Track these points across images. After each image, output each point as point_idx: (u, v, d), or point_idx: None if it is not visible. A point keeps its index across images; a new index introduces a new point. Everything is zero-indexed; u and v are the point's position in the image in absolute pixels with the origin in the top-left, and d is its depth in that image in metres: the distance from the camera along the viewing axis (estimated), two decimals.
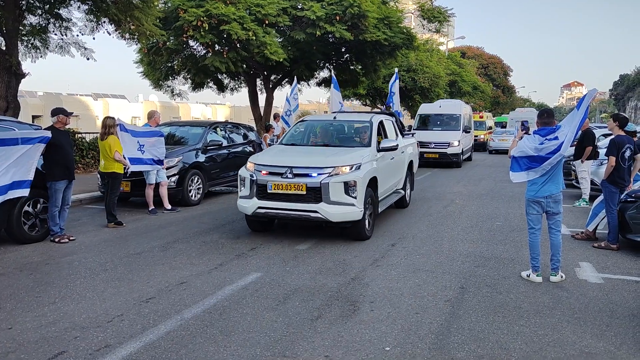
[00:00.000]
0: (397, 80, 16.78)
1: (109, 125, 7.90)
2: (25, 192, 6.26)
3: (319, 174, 6.58)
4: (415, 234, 7.53)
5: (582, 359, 3.59)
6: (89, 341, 3.81)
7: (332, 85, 14.91)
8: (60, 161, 6.85)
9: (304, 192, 6.54)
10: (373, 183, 7.20)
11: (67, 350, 3.66)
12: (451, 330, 4.06)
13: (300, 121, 9.01)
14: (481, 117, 33.04)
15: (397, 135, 9.30)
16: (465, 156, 20.36)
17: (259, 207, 6.79)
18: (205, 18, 13.83)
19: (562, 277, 5.37)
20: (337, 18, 15.26)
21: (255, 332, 4.00)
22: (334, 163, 6.72)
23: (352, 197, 6.57)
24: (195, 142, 10.39)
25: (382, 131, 8.49)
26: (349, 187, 6.56)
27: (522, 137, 5.46)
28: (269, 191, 6.71)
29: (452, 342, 3.86)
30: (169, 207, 9.15)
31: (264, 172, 6.84)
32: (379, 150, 7.63)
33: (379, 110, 13.29)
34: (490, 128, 34.14)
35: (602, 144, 11.47)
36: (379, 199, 7.75)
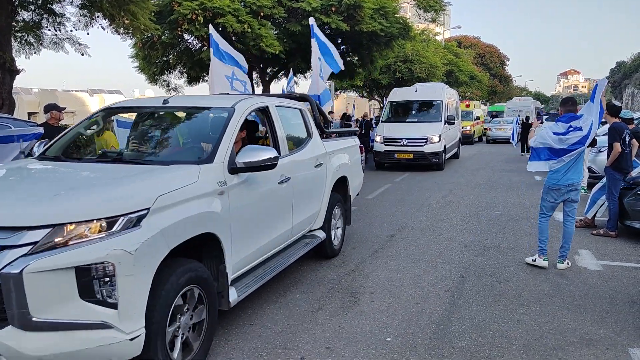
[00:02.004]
0: (328, 43, 9.91)
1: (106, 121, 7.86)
2: None
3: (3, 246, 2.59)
4: (414, 225, 7.53)
5: (582, 346, 3.61)
6: None
7: (211, 48, 9.17)
8: None
9: None
10: (212, 247, 3.50)
11: None
12: (452, 320, 4.07)
13: (99, 111, 4.94)
14: (467, 105, 29.10)
15: (309, 134, 5.38)
16: (449, 154, 16.19)
17: None
18: (199, 11, 13.72)
19: (568, 264, 5.42)
20: (333, 9, 15.17)
21: (256, 325, 4.00)
22: (50, 216, 2.68)
23: (107, 303, 2.65)
24: None
25: (270, 129, 4.63)
26: (93, 281, 2.63)
27: (538, 127, 5.54)
28: None
29: (452, 331, 3.87)
30: None
31: None
32: (233, 171, 3.71)
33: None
34: (478, 118, 31.02)
35: (600, 131, 11.47)
36: (236, 273, 3.81)
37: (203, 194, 3.36)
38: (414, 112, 16.05)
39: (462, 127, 24.12)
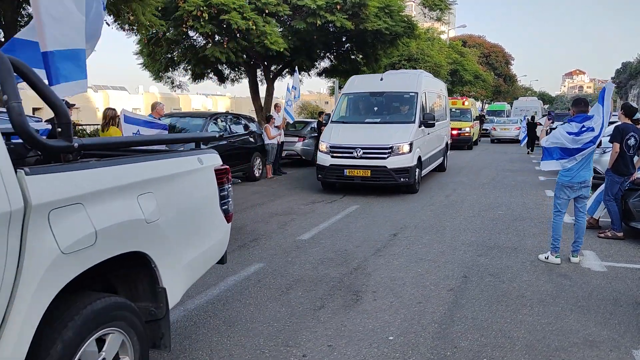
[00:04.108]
0: None
1: (110, 117, 7.87)
2: None
3: None
4: (417, 224, 7.52)
5: (585, 347, 3.59)
6: None
7: None
8: None
9: None
10: None
11: None
12: (454, 320, 4.06)
13: None
14: (464, 103, 24.97)
15: None
16: (428, 169, 11.75)
17: None
18: (204, 8, 13.73)
19: (582, 255, 5.67)
20: (338, 7, 15.15)
21: (258, 322, 4.00)
22: None
23: None
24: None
25: None
26: None
27: (549, 127, 5.68)
28: None
29: (455, 331, 3.85)
30: None
31: None
32: None
33: None
34: (478, 118, 28.39)
35: (605, 132, 11.43)
36: None
37: None
38: (376, 109, 11.39)
39: (461, 129, 21.63)
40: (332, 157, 9.99)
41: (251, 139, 12.09)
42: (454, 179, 12.56)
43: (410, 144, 9.90)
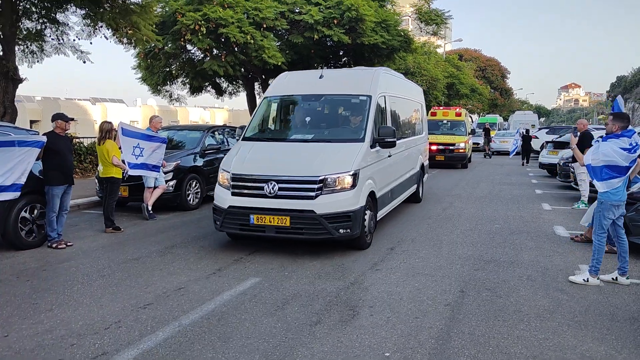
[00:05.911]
0: None
1: (106, 130, 7.88)
2: (15, 195, 6.17)
3: None
4: (414, 237, 7.50)
5: None
6: (86, 348, 3.78)
7: None
8: (58, 166, 6.82)
9: None
10: None
11: (63, 358, 3.62)
12: (451, 335, 4.03)
13: None
14: (458, 114, 21.43)
15: None
16: (389, 207, 8.28)
17: None
18: (203, 22, 13.83)
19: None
20: (335, 22, 15.29)
21: (253, 338, 3.97)
22: None
23: None
24: (193, 146, 10.37)
25: None
26: None
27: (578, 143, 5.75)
28: None
29: (452, 347, 3.83)
30: (150, 209, 8.84)
31: None
32: None
33: None
34: (474, 132, 26.32)
35: None
36: None
37: None
38: (309, 119, 7.91)
39: (454, 145, 19.26)
40: (234, 194, 6.52)
41: None
42: (451, 192, 12.57)
43: (354, 175, 6.41)
